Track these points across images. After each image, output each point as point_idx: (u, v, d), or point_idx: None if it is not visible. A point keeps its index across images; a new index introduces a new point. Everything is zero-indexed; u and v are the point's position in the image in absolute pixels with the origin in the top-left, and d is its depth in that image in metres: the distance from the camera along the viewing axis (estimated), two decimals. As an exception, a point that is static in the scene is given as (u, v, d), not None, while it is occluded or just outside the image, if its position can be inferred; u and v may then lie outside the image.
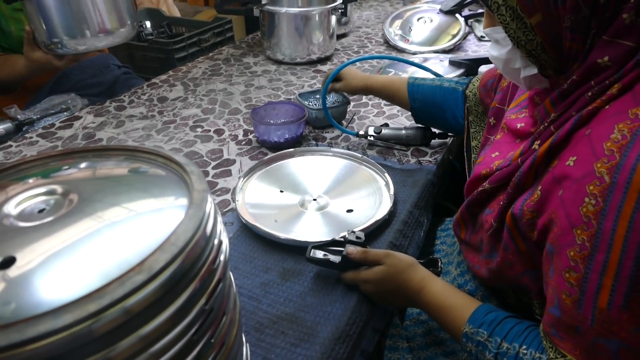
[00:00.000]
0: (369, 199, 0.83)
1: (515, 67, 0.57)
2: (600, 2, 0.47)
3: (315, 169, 0.92)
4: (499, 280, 0.61)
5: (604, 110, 0.47)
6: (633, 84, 0.47)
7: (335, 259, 0.66)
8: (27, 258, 0.32)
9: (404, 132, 1.01)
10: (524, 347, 0.52)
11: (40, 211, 0.36)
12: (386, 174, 0.87)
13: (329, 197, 0.84)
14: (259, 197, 0.84)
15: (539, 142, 0.54)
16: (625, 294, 0.43)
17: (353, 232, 0.69)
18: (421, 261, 0.68)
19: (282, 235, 0.73)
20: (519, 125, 0.63)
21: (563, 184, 0.48)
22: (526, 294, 0.61)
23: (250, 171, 0.90)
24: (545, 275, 0.51)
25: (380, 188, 0.86)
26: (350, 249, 0.65)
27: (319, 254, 0.67)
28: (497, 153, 0.65)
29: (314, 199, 0.83)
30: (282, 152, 0.96)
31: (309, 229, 0.76)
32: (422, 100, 0.94)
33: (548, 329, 0.50)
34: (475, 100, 0.86)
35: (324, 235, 0.74)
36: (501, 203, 0.57)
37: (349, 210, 0.80)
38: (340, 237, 0.68)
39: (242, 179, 0.87)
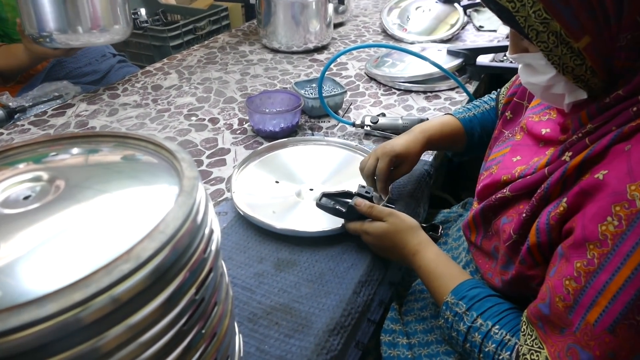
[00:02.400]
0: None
1: (558, 92, 0.53)
2: None
3: (311, 158, 0.91)
4: (512, 291, 0.59)
5: None
6: None
7: (342, 207, 0.71)
8: (11, 246, 0.31)
9: (400, 121, 1.00)
10: (497, 327, 0.54)
11: (26, 198, 0.35)
12: None
13: (326, 187, 0.83)
14: (254, 187, 0.83)
15: (570, 153, 0.51)
16: (615, 319, 0.42)
17: (363, 187, 0.73)
18: (423, 225, 0.71)
19: (279, 225, 0.72)
20: (543, 131, 0.60)
21: (589, 197, 0.46)
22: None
23: (245, 161, 0.89)
24: (547, 272, 0.50)
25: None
26: (359, 200, 0.70)
27: (328, 202, 0.72)
28: (518, 157, 0.62)
29: (311, 189, 0.82)
30: (277, 141, 0.94)
31: (305, 219, 0.75)
32: (479, 133, 0.85)
33: (535, 320, 0.50)
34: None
35: (319, 225, 0.73)
36: (523, 215, 0.54)
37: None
38: (351, 191, 0.73)
39: (237, 169, 0.86)
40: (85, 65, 1.43)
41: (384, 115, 1.05)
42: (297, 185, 0.83)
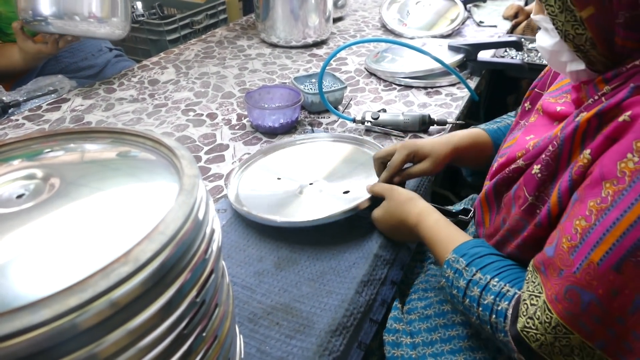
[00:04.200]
0: (368, 180, 0.80)
1: (562, 60, 0.54)
2: None
3: (312, 155, 0.90)
4: (520, 257, 0.58)
5: None
6: None
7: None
8: (3, 247, 0.29)
9: (401, 117, 0.98)
10: (496, 279, 0.54)
11: (19, 197, 0.33)
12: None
13: (326, 180, 0.82)
14: (254, 186, 0.82)
15: (583, 113, 0.51)
16: (622, 256, 0.42)
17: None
18: (452, 210, 0.74)
19: (278, 218, 0.71)
20: (558, 108, 0.60)
21: (615, 142, 0.46)
22: None
23: (245, 163, 0.87)
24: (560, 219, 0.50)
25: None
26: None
27: None
28: (532, 136, 0.62)
29: (310, 184, 0.81)
30: (277, 143, 0.93)
31: (304, 210, 0.74)
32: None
33: (538, 265, 0.50)
34: None
35: (318, 214, 0.71)
36: (538, 175, 0.53)
37: (346, 192, 0.78)
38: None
39: (236, 170, 0.84)
40: (81, 60, 1.41)
41: (384, 111, 1.03)
42: (297, 182, 0.82)
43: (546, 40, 0.55)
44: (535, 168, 0.54)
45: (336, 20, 1.71)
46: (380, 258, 0.69)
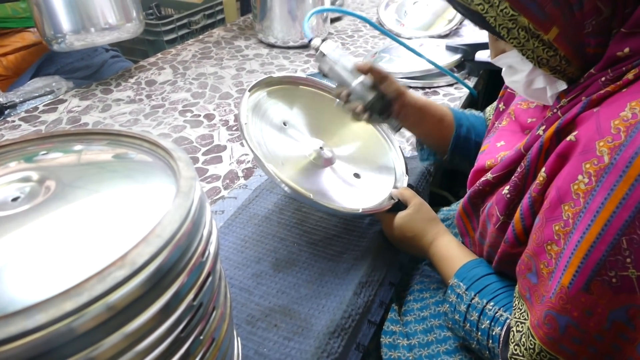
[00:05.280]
0: (379, 171, 0.79)
1: (539, 87, 0.54)
2: None
3: (316, 107, 0.83)
4: (503, 271, 0.60)
5: (619, 92, 0.45)
6: None
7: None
8: (-2, 251, 0.29)
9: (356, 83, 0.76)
10: (492, 303, 0.55)
11: (14, 199, 0.33)
12: (395, 146, 0.83)
13: (336, 148, 0.78)
14: (263, 127, 0.73)
15: (544, 127, 0.52)
16: (589, 277, 0.42)
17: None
18: None
19: (303, 189, 0.63)
20: (529, 120, 0.60)
21: (565, 160, 0.47)
22: None
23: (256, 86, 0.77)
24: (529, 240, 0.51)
25: (390, 161, 0.82)
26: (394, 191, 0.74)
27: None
28: (502, 142, 0.63)
29: (321, 148, 0.76)
30: (282, 76, 0.83)
31: (322, 189, 0.70)
32: (467, 127, 0.80)
33: (524, 292, 0.50)
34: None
35: (329, 198, 0.68)
36: (507, 195, 0.54)
37: (356, 175, 0.77)
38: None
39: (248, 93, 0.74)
40: (77, 60, 1.41)
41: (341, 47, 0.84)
42: (305, 136, 0.76)
43: (515, 74, 0.55)
44: (506, 189, 0.55)
45: (333, 20, 1.71)
46: (379, 259, 0.69)
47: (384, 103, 0.73)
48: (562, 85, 0.52)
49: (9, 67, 1.32)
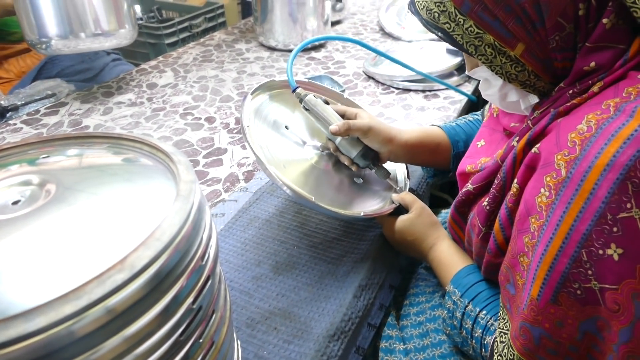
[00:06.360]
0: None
1: (513, 100, 0.55)
2: (580, 14, 0.44)
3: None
4: (493, 279, 0.60)
5: (584, 104, 0.46)
6: (617, 82, 0.44)
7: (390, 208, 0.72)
8: (-2, 254, 0.29)
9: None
10: (484, 312, 0.55)
11: (15, 203, 0.33)
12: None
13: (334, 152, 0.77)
14: (267, 131, 0.73)
15: (517, 138, 0.53)
16: (555, 289, 0.42)
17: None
18: None
19: (313, 198, 0.63)
20: (512, 124, 0.61)
21: (532, 171, 0.47)
22: None
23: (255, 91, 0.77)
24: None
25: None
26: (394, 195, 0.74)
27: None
28: (482, 142, 0.63)
29: (322, 151, 0.76)
30: (301, 81, 0.82)
31: (323, 192, 0.70)
32: (464, 140, 0.80)
33: (505, 302, 0.51)
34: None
35: (331, 201, 0.67)
36: (487, 207, 0.55)
37: (358, 178, 0.77)
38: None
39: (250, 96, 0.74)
40: (78, 63, 1.41)
41: (327, 103, 0.76)
42: (304, 138, 0.76)
43: (490, 88, 0.56)
44: (485, 201, 0.55)
45: (334, 23, 1.71)
46: (378, 262, 0.69)
47: (370, 155, 0.74)
48: (534, 99, 0.53)
49: (10, 70, 1.33)
